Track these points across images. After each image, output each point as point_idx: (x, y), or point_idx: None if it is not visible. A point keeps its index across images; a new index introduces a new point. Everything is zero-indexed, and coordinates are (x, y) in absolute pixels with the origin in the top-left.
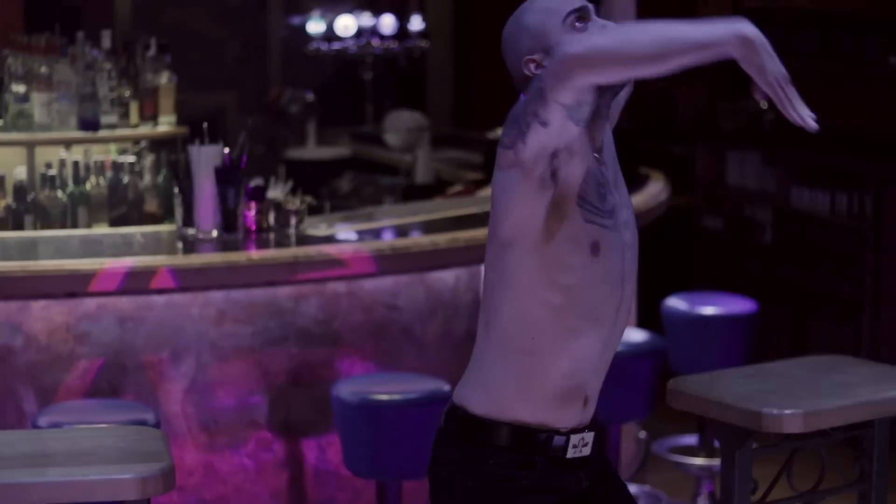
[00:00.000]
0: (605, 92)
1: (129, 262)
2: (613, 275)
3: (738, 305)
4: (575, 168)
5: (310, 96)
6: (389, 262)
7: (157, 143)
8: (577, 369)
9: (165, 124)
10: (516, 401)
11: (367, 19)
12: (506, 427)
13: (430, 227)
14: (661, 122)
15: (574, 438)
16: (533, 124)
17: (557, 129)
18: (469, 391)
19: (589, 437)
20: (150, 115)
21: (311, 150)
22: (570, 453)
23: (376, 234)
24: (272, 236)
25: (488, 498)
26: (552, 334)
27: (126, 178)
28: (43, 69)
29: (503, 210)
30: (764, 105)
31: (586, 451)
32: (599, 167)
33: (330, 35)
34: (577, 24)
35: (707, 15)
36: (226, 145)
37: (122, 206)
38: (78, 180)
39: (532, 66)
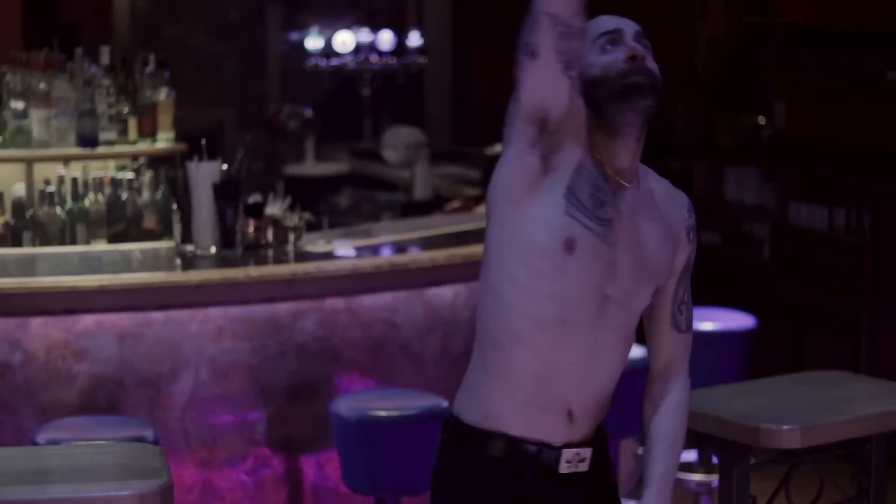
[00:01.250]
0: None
1: (127, 279)
2: (589, 283)
3: (736, 321)
4: (566, 155)
5: (308, 112)
6: (388, 279)
7: (155, 160)
8: (551, 377)
9: (164, 140)
10: (498, 407)
11: (365, 35)
12: (496, 437)
13: (428, 244)
14: (658, 138)
15: (567, 453)
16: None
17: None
18: (462, 400)
19: (585, 452)
20: (148, 132)
21: (310, 167)
22: (564, 468)
23: (374, 250)
24: (270, 252)
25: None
26: (519, 325)
27: (124, 195)
28: (42, 85)
29: (499, 165)
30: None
31: (583, 466)
32: (603, 180)
33: (328, 51)
34: (607, 46)
35: (705, 31)
36: (224, 161)
37: (120, 222)
38: (76, 197)
39: None
